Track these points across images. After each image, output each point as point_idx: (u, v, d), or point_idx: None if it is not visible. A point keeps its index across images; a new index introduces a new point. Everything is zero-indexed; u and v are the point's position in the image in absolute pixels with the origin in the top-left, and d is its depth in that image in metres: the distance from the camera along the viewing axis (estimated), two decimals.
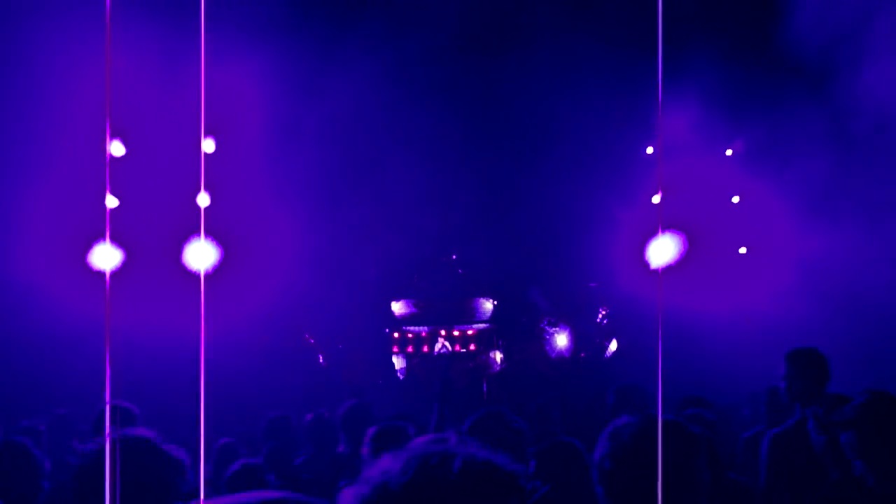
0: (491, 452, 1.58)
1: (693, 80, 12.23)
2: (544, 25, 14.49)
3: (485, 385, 16.49)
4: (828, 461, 3.81)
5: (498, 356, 17.83)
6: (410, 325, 18.01)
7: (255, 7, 12.19)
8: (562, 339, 17.42)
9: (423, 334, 17.95)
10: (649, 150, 15.04)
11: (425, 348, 17.86)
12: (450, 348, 17.79)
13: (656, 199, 13.16)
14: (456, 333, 17.96)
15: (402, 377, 17.39)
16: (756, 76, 12.91)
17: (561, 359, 17.29)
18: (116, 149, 8.92)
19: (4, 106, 10.67)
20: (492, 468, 1.55)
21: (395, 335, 17.88)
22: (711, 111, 13.11)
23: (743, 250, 14.91)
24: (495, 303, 18.13)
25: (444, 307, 18.07)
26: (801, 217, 12.76)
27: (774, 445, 4.99)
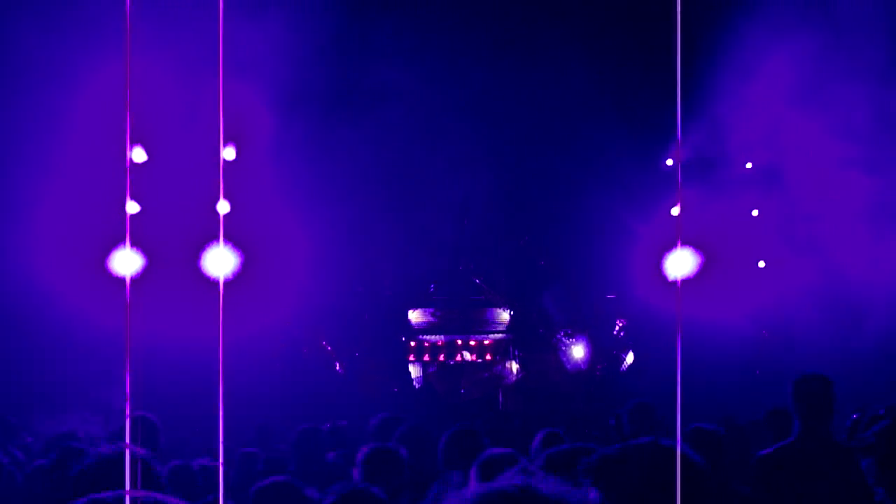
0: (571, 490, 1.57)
1: (715, 90, 12.23)
2: (566, 38, 14.51)
3: (500, 395, 16.48)
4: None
5: (514, 366, 17.81)
6: (427, 334, 18.02)
7: (277, 13, 12.24)
8: (578, 351, 17.38)
9: (440, 343, 17.96)
10: (669, 162, 15.01)
11: (441, 357, 17.87)
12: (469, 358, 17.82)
13: (675, 211, 13.12)
14: (472, 343, 17.96)
15: (417, 385, 17.40)
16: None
17: (577, 370, 17.26)
18: (138, 155, 8.98)
19: (26, 110, 10.76)
20: None
21: (412, 344, 17.89)
22: (733, 122, 13.09)
23: (762, 264, 14.85)
24: (512, 313, 18.12)
25: (460, 317, 18.08)
26: (821, 230, 12.72)
27: (761, 466, 4.99)
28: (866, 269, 12.04)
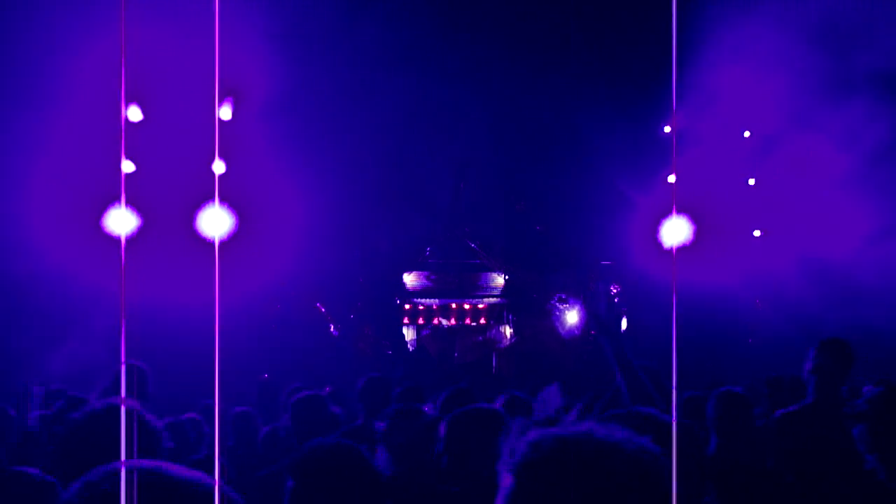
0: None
1: (711, 59, 12.18)
2: (563, 7, 14.44)
3: (494, 359, 16.56)
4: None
5: (508, 331, 17.88)
6: (422, 298, 18.07)
7: None
8: (572, 316, 17.44)
9: (434, 306, 18.02)
10: (667, 129, 14.98)
11: (436, 320, 17.94)
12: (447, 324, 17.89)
13: (671, 179, 13.14)
14: (467, 307, 18.01)
15: (411, 348, 17.47)
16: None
17: (571, 335, 17.33)
18: (134, 114, 8.94)
19: (23, 70, 10.69)
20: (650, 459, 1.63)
21: (407, 307, 17.94)
22: (729, 92, 13.05)
23: (757, 233, 14.87)
24: (506, 278, 18.16)
25: (455, 280, 18.12)
26: (816, 199, 12.74)
27: (781, 426, 5.04)
28: (859, 241, 12.08)
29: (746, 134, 14.62)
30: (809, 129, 12.38)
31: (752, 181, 14.67)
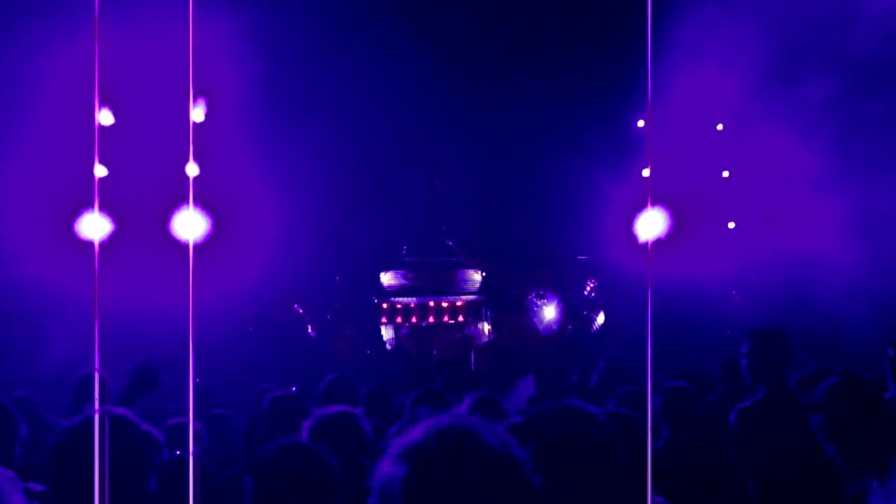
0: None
1: (685, 52, 12.22)
2: (536, 4, 14.46)
3: (472, 356, 16.56)
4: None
5: (486, 328, 17.88)
6: (399, 297, 18.04)
7: None
8: (550, 312, 17.47)
9: (412, 305, 17.99)
10: (640, 123, 15.03)
11: (413, 319, 17.91)
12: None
13: (646, 172, 13.17)
14: (444, 305, 18.00)
15: (390, 347, 17.45)
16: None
17: (549, 331, 17.36)
18: (105, 117, 8.86)
19: None
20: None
21: (384, 306, 17.91)
22: (703, 84, 13.10)
23: (732, 225, 14.95)
24: (483, 274, 18.17)
25: (433, 279, 18.10)
26: (789, 191, 12.81)
27: (742, 419, 5.05)
28: (833, 232, 12.16)
29: (720, 127, 14.70)
30: (781, 122, 12.45)
31: (726, 173, 14.75)
